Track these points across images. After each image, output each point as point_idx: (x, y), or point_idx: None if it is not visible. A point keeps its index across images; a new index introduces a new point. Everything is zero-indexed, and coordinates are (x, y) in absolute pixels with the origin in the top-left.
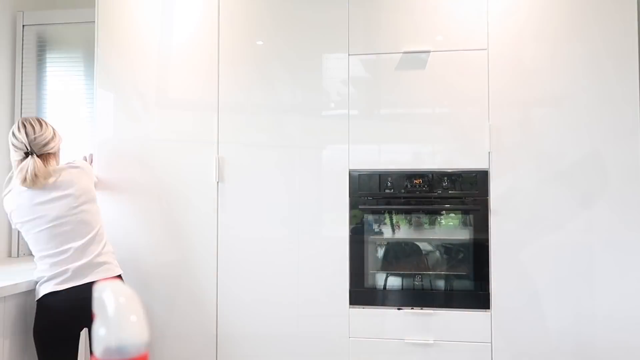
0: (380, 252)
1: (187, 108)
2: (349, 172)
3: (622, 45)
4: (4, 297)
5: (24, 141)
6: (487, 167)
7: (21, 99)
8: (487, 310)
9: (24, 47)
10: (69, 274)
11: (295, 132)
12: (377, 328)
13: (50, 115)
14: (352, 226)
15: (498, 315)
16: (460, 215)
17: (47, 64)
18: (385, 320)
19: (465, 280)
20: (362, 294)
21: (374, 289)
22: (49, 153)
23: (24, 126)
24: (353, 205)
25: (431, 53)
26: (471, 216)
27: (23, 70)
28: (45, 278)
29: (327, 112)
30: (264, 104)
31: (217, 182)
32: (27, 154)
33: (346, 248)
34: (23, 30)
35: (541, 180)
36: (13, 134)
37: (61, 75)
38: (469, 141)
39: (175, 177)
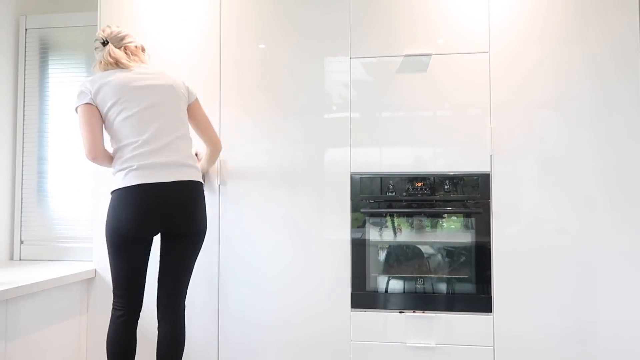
0: (382, 255)
1: None
2: (351, 175)
3: (624, 48)
4: (6, 300)
5: (100, 35)
6: (489, 170)
7: (24, 103)
8: (489, 313)
9: (26, 50)
10: (155, 169)
11: (297, 135)
12: (379, 331)
13: (52, 118)
14: (354, 229)
15: (500, 318)
16: (462, 218)
17: (50, 68)
18: (387, 324)
19: (467, 283)
20: (363, 297)
21: (375, 292)
22: (127, 46)
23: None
24: (354, 208)
25: (432, 56)
26: (473, 219)
27: (25, 73)
28: (129, 168)
29: (328, 115)
30: (266, 106)
31: (219, 185)
32: (103, 44)
33: (348, 251)
34: (26, 34)
35: (543, 183)
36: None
37: (63, 79)
38: (470, 144)
39: None
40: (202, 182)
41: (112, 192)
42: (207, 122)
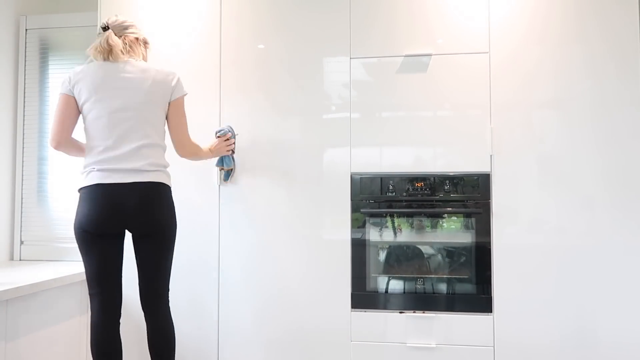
0: (382, 256)
1: (188, 111)
2: (351, 175)
3: (623, 48)
4: (7, 300)
5: (104, 21)
6: (489, 170)
7: (24, 103)
8: (489, 313)
9: (26, 50)
10: (114, 172)
11: (297, 135)
12: (379, 332)
13: (52, 117)
14: (354, 229)
15: (500, 318)
16: (462, 219)
17: (50, 68)
18: (387, 324)
19: (468, 283)
20: (363, 297)
21: (375, 292)
22: (127, 35)
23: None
24: (354, 209)
25: (432, 56)
26: (473, 219)
27: (26, 74)
28: (91, 170)
29: (328, 115)
30: (266, 107)
31: (219, 185)
32: (104, 29)
33: (348, 251)
34: (26, 34)
35: (543, 183)
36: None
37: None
38: (470, 144)
39: (176, 180)
40: (167, 184)
41: (78, 191)
42: (181, 124)
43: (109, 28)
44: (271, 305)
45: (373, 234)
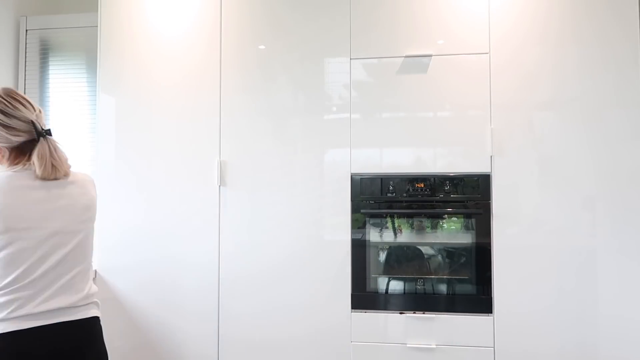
0: (382, 256)
1: (189, 112)
2: (351, 175)
3: (623, 50)
4: None
5: (28, 118)
6: (490, 170)
7: None
8: (489, 314)
9: (27, 51)
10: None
11: (297, 136)
12: (379, 332)
13: (53, 119)
14: (354, 230)
15: (500, 319)
16: (462, 219)
17: (50, 69)
18: (388, 325)
19: (468, 284)
20: (364, 298)
21: (376, 293)
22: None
23: (16, 100)
24: (355, 209)
25: (433, 57)
26: (473, 220)
27: (26, 74)
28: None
29: (328, 115)
30: (266, 107)
31: (219, 186)
32: (38, 136)
33: (348, 252)
34: (26, 35)
35: (544, 184)
36: (6, 113)
37: (64, 80)
38: (471, 145)
39: (177, 181)
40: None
41: None
42: None
43: (48, 131)
44: (271, 305)
45: (373, 235)
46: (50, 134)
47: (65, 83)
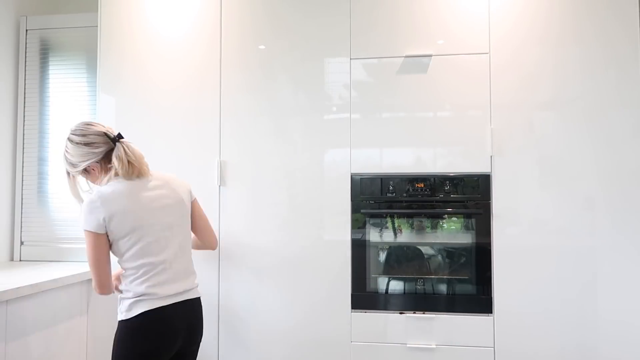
0: (382, 256)
1: (189, 112)
2: (351, 175)
3: (623, 50)
4: (7, 300)
5: (100, 130)
6: (490, 170)
7: (24, 103)
8: (489, 314)
9: (27, 51)
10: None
11: (297, 136)
12: (379, 332)
13: (53, 119)
14: (354, 230)
15: (500, 319)
16: (462, 219)
17: (50, 69)
18: (388, 325)
19: (468, 284)
20: (364, 298)
21: (376, 293)
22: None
23: (86, 123)
24: (355, 209)
25: (433, 57)
26: (473, 220)
27: (26, 74)
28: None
29: (328, 115)
30: (266, 107)
31: (219, 186)
32: (113, 142)
33: (348, 252)
34: (26, 35)
35: (544, 184)
36: (81, 134)
37: (64, 80)
38: (471, 145)
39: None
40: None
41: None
42: (207, 222)
43: (120, 136)
44: (271, 305)
45: (373, 235)
46: (122, 137)
47: (65, 83)
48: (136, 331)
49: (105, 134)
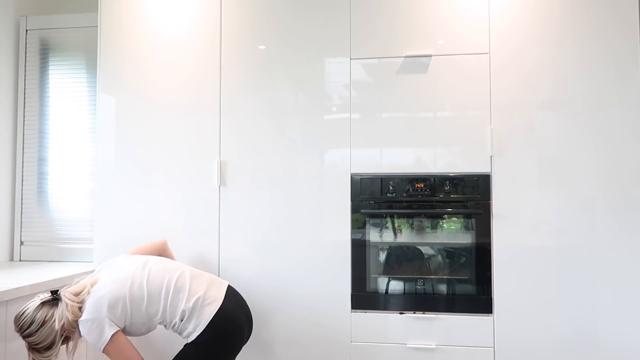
0: (382, 256)
1: (189, 112)
2: (351, 175)
3: (623, 50)
4: (7, 300)
5: (35, 304)
6: (490, 171)
7: (24, 104)
8: (489, 314)
9: (26, 51)
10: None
11: (297, 136)
12: (379, 332)
13: (53, 119)
14: (354, 230)
15: (500, 319)
16: (462, 219)
17: (50, 69)
18: (387, 325)
19: (468, 284)
20: (364, 298)
21: (375, 293)
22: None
23: (21, 314)
24: (355, 209)
25: (433, 57)
26: (473, 220)
27: (26, 74)
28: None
29: (328, 115)
30: (266, 107)
31: (219, 186)
32: (54, 300)
33: (348, 252)
34: (26, 35)
35: (543, 184)
36: (29, 324)
37: (64, 80)
38: (471, 145)
39: (177, 181)
40: None
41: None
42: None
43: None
44: (271, 305)
45: (373, 235)
46: (56, 290)
47: (65, 83)
48: (217, 331)
49: (42, 303)
